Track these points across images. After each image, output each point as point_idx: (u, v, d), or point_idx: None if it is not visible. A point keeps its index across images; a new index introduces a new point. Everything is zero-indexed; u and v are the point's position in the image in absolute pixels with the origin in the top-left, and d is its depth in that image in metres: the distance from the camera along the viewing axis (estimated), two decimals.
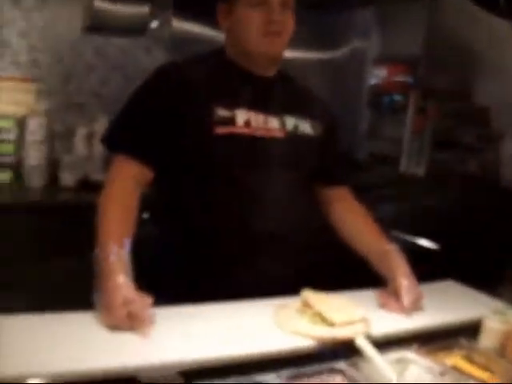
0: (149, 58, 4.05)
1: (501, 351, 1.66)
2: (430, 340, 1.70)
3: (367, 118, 4.66)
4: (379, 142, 4.45)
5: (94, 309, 1.55)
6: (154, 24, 3.96)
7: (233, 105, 1.85)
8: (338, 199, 2.17)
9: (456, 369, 1.58)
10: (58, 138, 3.78)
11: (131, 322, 1.48)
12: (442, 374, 1.53)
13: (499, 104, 3.43)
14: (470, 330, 1.75)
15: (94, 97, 3.96)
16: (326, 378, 1.49)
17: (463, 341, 1.73)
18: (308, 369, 1.50)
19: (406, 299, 1.82)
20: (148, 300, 1.55)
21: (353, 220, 2.13)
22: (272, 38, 1.86)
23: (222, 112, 1.83)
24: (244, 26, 1.87)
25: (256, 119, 1.88)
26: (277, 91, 1.98)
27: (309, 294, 1.73)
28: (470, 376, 1.55)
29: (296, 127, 1.97)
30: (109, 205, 1.74)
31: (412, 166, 4.03)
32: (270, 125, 1.91)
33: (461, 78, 3.84)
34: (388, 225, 3.44)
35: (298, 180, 1.99)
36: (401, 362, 1.58)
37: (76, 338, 1.42)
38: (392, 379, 1.44)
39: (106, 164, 3.59)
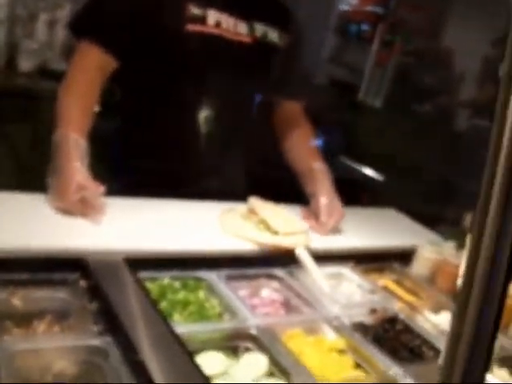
0: None
1: (430, 279, 1.76)
2: (366, 261, 1.77)
3: (332, 43, 4.64)
4: (341, 69, 4.46)
5: (47, 192, 1.56)
6: None
7: (205, 4, 1.82)
8: (290, 116, 2.18)
9: (386, 289, 1.67)
10: (19, 22, 3.66)
11: (83, 208, 1.51)
12: (372, 292, 1.62)
13: (465, 48, 3.47)
14: (404, 257, 1.83)
15: None
16: (263, 282, 1.56)
17: (396, 265, 1.82)
18: (247, 272, 1.56)
19: (323, 217, 1.86)
20: (101, 188, 1.55)
21: (294, 138, 2.14)
22: None
23: (195, 10, 1.80)
24: None
25: (226, 21, 1.86)
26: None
27: (256, 202, 1.78)
28: (397, 297, 1.64)
29: (264, 35, 1.96)
30: (69, 92, 1.72)
31: (370, 96, 4.07)
32: (239, 29, 1.89)
33: (431, 18, 3.85)
34: (337, 151, 3.53)
35: (260, 87, 2.01)
36: (336, 277, 1.67)
37: (28, 218, 1.45)
38: (326, 290, 1.52)
39: (67, 53, 3.52)
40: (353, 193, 2.05)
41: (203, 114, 1.88)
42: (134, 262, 1.36)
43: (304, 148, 2.12)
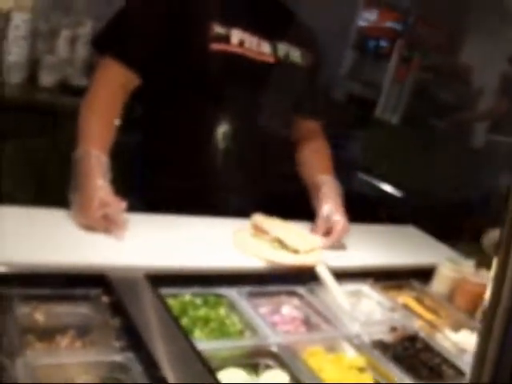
0: None
1: (450, 297, 1.76)
2: (385, 278, 1.77)
3: (350, 59, 4.66)
4: (359, 85, 4.47)
5: (69, 208, 1.57)
6: None
7: (229, 23, 1.84)
8: (307, 134, 2.18)
9: (406, 307, 1.67)
10: (41, 38, 3.70)
11: (106, 224, 1.52)
12: (392, 309, 1.62)
13: (483, 64, 3.47)
14: (423, 275, 1.83)
15: (82, 0, 3.87)
16: (284, 299, 1.56)
17: (416, 283, 1.82)
18: (267, 289, 1.57)
19: (320, 230, 1.88)
20: (123, 204, 1.57)
21: (307, 152, 2.16)
22: None
23: (219, 29, 1.82)
24: None
25: (250, 41, 1.87)
26: (273, 17, 1.98)
27: (261, 219, 1.78)
28: (417, 315, 1.63)
29: (287, 55, 1.97)
30: (91, 108, 1.73)
31: (388, 112, 4.08)
32: (263, 49, 1.90)
33: (450, 34, 3.86)
34: (355, 167, 3.53)
35: (282, 107, 2.01)
36: (355, 294, 1.67)
37: (50, 234, 1.46)
38: (346, 308, 1.52)
39: (87, 69, 3.56)
40: (371, 209, 2.06)
41: (223, 131, 1.89)
42: (155, 279, 1.36)
43: (315, 162, 2.13)
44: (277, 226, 1.76)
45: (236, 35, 1.84)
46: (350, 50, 4.68)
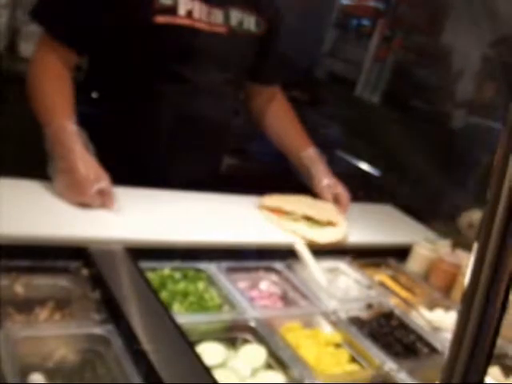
0: None
1: (425, 276, 1.78)
2: (363, 256, 1.80)
3: (332, 37, 4.65)
4: (340, 63, 4.47)
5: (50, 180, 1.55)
6: None
7: None
8: (269, 99, 2.14)
9: (382, 285, 1.69)
10: (21, 7, 3.65)
11: (101, 199, 1.51)
12: (369, 287, 1.64)
13: (464, 46, 3.48)
14: (400, 254, 1.86)
15: None
16: (262, 274, 1.58)
17: (392, 261, 1.84)
18: (246, 264, 1.58)
19: (346, 205, 1.96)
20: (108, 177, 1.54)
21: (280, 123, 2.14)
22: None
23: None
24: None
25: (199, 10, 1.74)
26: None
27: (274, 201, 1.87)
28: (393, 293, 1.66)
29: (240, 23, 1.86)
30: (47, 82, 1.66)
31: (367, 92, 4.09)
32: (214, 18, 1.78)
33: (432, 15, 3.86)
34: (334, 145, 3.54)
35: (234, 79, 1.93)
36: (333, 271, 1.69)
37: (30, 206, 1.45)
38: (323, 284, 1.54)
39: None
40: (349, 187, 2.07)
41: (177, 106, 1.82)
42: (135, 252, 1.37)
43: (293, 134, 2.11)
44: (293, 203, 1.84)
45: (183, 4, 1.70)
46: (331, 28, 4.67)
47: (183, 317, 1.25)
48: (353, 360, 1.32)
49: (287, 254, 1.62)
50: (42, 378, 1.00)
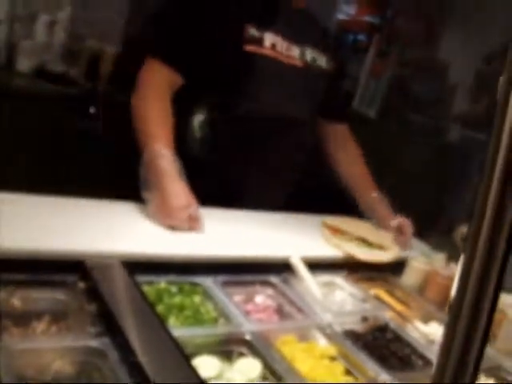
0: None
1: (421, 290, 1.79)
2: (358, 270, 1.81)
3: None
4: None
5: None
6: None
7: (262, 26, 1.91)
8: (336, 137, 2.29)
9: (377, 298, 1.70)
10: (18, 22, 3.67)
11: (190, 224, 1.64)
12: (364, 300, 1.65)
13: (460, 60, 3.51)
14: (395, 267, 1.87)
15: None
16: (258, 288, 1.59)
17: (388, 275, 1.85)
18: (242, 278, 1.59)
19: (408, 236, 2.05)
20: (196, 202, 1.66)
21: (350, 170, 2.26)
22: None
23: (253, 31, 1.89)
24: None
25: (281, 44, 1.96)
26: (302, 21, 2.07)
27: (335, 222, 2.00)
28: (388, 306, 1.67)
29: (314, 60, 2.07)
30: (147, 107, 1.79)
31: (364, 106, 4.11)
32: (292, 53, 1.99)
33: (428, 29, 3.89)
34: None
35: (308, 110, 2.11)
36: (328, 285, 1.70)
37: (28, 220, 1.45)
38: (318, 298, 1.55)
39: (66, 55, 3.55)
40: (346, 201, 2.10)
41: (253, 131, 1.98)
42: (131, 266, 1.38)
43: (359, 175, 2.25)
44: (353, 226, 1.99)
45: (269, 38, 1.92)
46: None
47: (179, 330, 1.26)
48: (348, 373, 1.32)
49: (283, 267, 1.63)
50: None
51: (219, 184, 1.99)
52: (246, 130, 1.96)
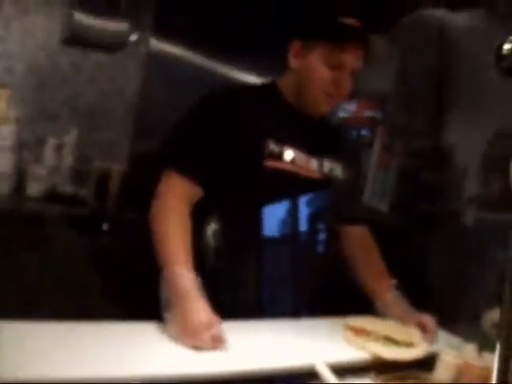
0: (125, 75, 4.07)
1: None
2: (387, 370, 1.73)
3: None
4: None
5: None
6: (133, 38, 3.97)
7: (282, 141, 1.94)
8: (354, 238, 2.29)
9: None
10: (26, 148, 3.75)
11: (214, 344, 1.59)
12: None
13: (466, 144, 3.51)
14: (425, 363, 1.79)
15: (67, 109, 3.94)
16: None
17: (418, 372, 1.77)
18: None
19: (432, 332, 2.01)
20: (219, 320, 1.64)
21: (362, 261, 2.26)
22: (332, 99, 2.00)
23: (273, 146, 1.92)
24: (313, 78, 1.96)
25: (300, 158, 1.99)
26: (319, 134, 2.11)
27: (357, 322, 1.96)
28: None
29: (331, 171, 2.11)
30: (166, 222, 1.79)
31: (375, 201, 4.09)
32: (311, 166, 2.03)
33: (430, 117, 3.91)
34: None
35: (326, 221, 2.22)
36: None
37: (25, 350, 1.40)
38: None
39: (75, 177, 3.60)
40: (360, 298, 2.07)
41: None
42: None
43: (374, 274, 2.23)
44: (377, 324, 1.94)
45: (289, 153, 1.95)
46: None
47: None
48: None
49: (308, 376, 1.57)
50: None
51: (234, 295, 1.98)
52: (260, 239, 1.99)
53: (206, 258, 1.99)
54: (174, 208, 1.82)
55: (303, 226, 2.13)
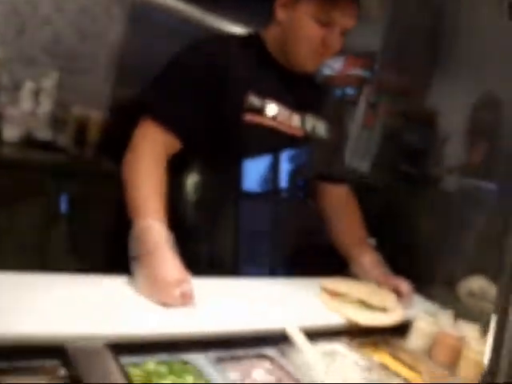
0: (107, 19, 3.95)
1: (428, 352, 1.69)
2: (360, 334, 1.71)
3: None
4: None
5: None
6: None
7: (264, 95, 1.88)
8: (334, 198, 2.24)
9: (383, 366, 1.60)
10: (3, 91, 3.64)
11: (183, 300, 1.53)
12: (369, 369, 1.55)
13: (449, 107, 3.47)
14: (399, 329, 1.77)
15: (47, 52, 3.82)
16: (254, 363, 1.49)
17: (392, 338, 1.75)
18: (236, 352, 1.49)
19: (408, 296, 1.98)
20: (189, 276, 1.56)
21: (341, 222, 2.22)
22: (319, 57, 1.90)
23: (255, 100, 1.85)
24: (301, 34, 1.85)
25: (283, 114, 1.92)
26: (304, 89, 2.02)
27: (332, 284, 1.92)
28: (396, 374, 1.57)
29: (313, 128, 2.04)
30: (139, 173, 1.69)
31: (356, 160, 4.05)
32: (293, 122, 1.96)
33: (416, 77, 3.87)
34: None
35: (306, 176, 2.16)
36: (330, 354, 1.60)
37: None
38: (320, 370, 1.45)
39: (52, 123, 3.51)
40: (338, 258, 2.04)
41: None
42: (116, 348, 1.28)
43: (352, 234, 2.20)
44: (353, 287, 1.90)
45: (271, 108, 1.89)
46: None
47: None
48: None
49: (280, 339, 1.53)
50: None
51: (211, 249, 1.93)
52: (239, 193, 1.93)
53: (183, 211, 1.94)
54: (149, 158, 1.72)
55: (284, 182, 2.06)
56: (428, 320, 1.73)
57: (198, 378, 1.34)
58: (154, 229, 1.57)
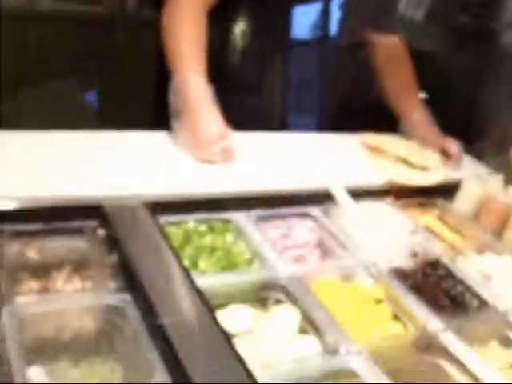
0: None
1: (475, 216, 1.64)
2: (406, 195, 1.66)
3: None
4: None
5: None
6: None
7: None
8: (386, 50, 2.11)
9: (427, 229, 1.56)
10: None
11: (224, 156, 1.50)
12: (413, 232, 1.51)
13: None
14: (448, 191, 1.71)
15: None
16: (296, 222, 1.47)
17: (439, 200, 1.70)
18: (278, 211, 1.46)
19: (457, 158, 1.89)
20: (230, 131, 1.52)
21: (391, 73, 2.10)
22: None
23: None
24: None
25: None
26: None
27: (374, 139, 1.85)
28: (440, 237, 1.53)
29: None
30: (180, 28, 1.60)
31: (411, 8, 3.85)
32: None
33: None
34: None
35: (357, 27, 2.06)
36: (374, 214, 1.55)
37: (37, 163, 1.32)
38: (362, 231, 1.43)
39: None
40: (390, 118, 1.96)
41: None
42: (155, 206, 1.26)
43: (406, 91, 2.08)
44: (394, 144, 1.82)
45: None
46: None
47: (208, 277, 1.16)
48: (395, 317, 1.21)
49: (323, 197, 1.50)
50: (42, 371, 0.91)
51: (257, 101, 1.87)
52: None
53: (230, 61, 1.86)
54: (189, 9, 1.61)
55: (334, 30, 1.96)
56: (477, 183, 1.67)
57: (238, 236, 1.33)
58: (196, 83, 1.52)
